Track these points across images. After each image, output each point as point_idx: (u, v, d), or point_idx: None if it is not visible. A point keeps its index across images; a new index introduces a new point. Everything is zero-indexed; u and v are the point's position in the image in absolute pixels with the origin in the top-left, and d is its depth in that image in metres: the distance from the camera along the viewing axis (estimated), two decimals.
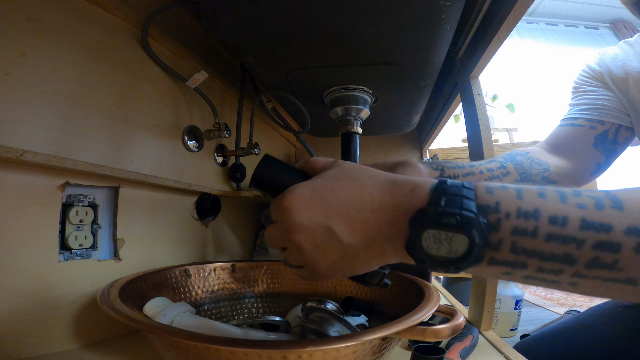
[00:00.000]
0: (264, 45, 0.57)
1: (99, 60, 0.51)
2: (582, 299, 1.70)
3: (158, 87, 0.63)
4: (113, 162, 0.53)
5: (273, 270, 0.63)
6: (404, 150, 1.39)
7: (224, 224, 0.85)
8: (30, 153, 0.38)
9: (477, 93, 0.66)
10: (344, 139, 0.71)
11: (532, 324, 1.25)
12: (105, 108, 0.52)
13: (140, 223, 0.58)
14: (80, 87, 0.48)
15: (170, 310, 0.40)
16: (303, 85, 0.71)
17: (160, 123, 0.63)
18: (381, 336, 0.29)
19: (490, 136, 0.64)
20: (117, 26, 0.55)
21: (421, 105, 0.84)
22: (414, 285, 0.48)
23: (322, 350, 0.27)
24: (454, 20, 0.49)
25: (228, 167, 0.85)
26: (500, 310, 0.96)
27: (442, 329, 0.31)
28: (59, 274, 0.45)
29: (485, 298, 0.61)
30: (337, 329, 0.42)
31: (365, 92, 0.70)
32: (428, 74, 0.65)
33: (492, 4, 0.54)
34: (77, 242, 0.47)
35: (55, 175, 0.44)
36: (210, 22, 0.52)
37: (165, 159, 0.64)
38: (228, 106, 0.85)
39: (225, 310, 0.57)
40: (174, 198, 0.66)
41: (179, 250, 0.68)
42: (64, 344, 0.45)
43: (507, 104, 2.58)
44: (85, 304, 0.47)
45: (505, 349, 0.53)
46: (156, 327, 0.31)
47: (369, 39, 0.53)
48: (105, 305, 0.34)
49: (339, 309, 0.49)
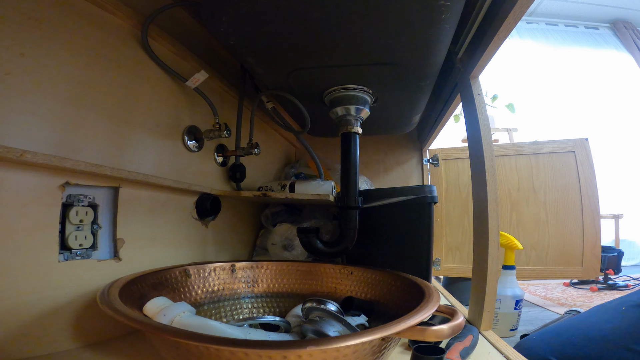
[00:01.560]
0: (264, 45, 0.57)
1: (99, 60, 0.51)
2: (582, 299, 1.70)
3: (158, 87, 0.63)
4: (113, 162, 0.53)
5: (273, 270, 0.63)
6: (404, 150, 1.39)
7: (224, 224, 0.85)
8: (30, 153, 0.38)
9: (477, 93, 0.66)
10: (344, 139, 0.71)
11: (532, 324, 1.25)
12: (105, 108, 0.52)
13: (140, 223, 0.58)
14: (80, 87, 0.48)
15: (170, 310, 0.40)
16: (303, 85, 0.71)
17: (160, 123, 0.63)
18: (381, 336, 0.29)
19: (490, 136, 0.64)
20: (117, 26, 0.55)
21: (421, 105, 0.84)
22: (414, 285, 0.48)
23: (322, 350, 0.27)
24: (454, 20, 0.49)
25: (228, 167, 0.85)
26: (500, 310, 0.96)
27: (442, 329, 0.31)
28: (59, 274, 0.45)
29: (485, 298, 0.61)
30: (337, 329, 0.43)
31: (365, 92, 0.70)
32: (428, 74, 0.65)
33: (492, 4, 0.54)
34: (77, 242, 0.47)
35: (55, 175, 0.44)
36: (210, 22, 0.52)
37: (165, 159, 0.64)
38: (228, 106, 0.85)
39: (225, 310, 0.57)
40: (174, 198, 0.66)
41: (179, 250, 0.68)
42: (64, 344, 0.45)
43: (507, 104, 2.58)
44: (85, 304, 0.47)
45: (505, 349, 0.53)
46: (156, 327, 0.31)
47: (369, 39, 0.53)
48: (105, 305, 0.34)
49: (339, 309, 0.49)
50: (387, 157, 1.38)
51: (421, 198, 0.73)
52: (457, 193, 1.46)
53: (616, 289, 1.92)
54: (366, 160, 1.36)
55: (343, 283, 0.60)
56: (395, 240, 0.75)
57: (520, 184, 1.41)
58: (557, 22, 3.81)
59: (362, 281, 0.58)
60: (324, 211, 1.02)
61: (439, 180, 1.47)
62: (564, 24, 3.81)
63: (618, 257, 2.12)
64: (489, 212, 0.60)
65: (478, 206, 0.65)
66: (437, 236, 1.45)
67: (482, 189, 0.62)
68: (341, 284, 0.60)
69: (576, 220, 1.35)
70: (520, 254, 1.36)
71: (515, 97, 2.74)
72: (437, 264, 1.44)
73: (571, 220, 1.35)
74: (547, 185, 1.39)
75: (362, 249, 0.75)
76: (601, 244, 1.33)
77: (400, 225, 0.75)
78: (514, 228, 1.39)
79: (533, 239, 1.37)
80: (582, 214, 1.34)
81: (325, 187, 0.85)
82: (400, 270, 0.56)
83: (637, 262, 3.04)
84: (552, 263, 1.36)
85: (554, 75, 3.45)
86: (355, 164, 0.70)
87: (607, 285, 1.93)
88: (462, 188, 1.45)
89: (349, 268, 0.60)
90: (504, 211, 1.40)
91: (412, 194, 0.73)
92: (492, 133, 2.14)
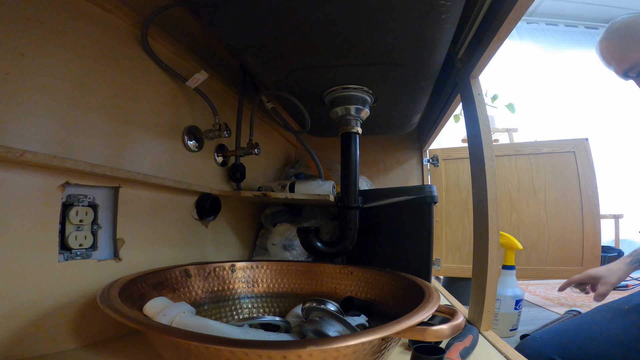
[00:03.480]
0: (264, 45, 0.57)
1: (99, 60, 0.51)
2: (582, 299, 1.70)
3: (158, 87, 0.63)
4: (113, 162, 0.53)
5: (273, 270, 0.63)
6: (404, 150, 1.39)
7: (224, 224, 0.85)
8: (30, 153, 0.38)
9: (477, 93, 0.66)
10: (344, 139, 0.71)
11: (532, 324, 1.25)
12: (105, 108, 0.52)
13: (140, 223, 0.58)
14: (80, 87, 0.48)
15: (170, 310, 0.40)
16: (303, 85, 0.71)
17: (160, 123, 0.63)
18: (381, 336, 0.29)
19: (490, 136, 0.64)
20: (117, 26, 0.55)
21: (421, 105, 0.84)
22: (414, 285, 0.48)
23: (322, 350, 0.27)
24: (454, 20, 0.49)
25: (228, 167, 0.85)
26: (500, 310, 0.96)
27: (442, 329, 0.31)
28: (59, 274, 0.45)
29: (485, 298, 0.61)
30: (337, 329, 0.42)
31: (365, 92, 0.70)
32: (428, 74, 0.65)
33: (492, 4, 0.54)
34: (77, 242, 0.47)
35: (55, 175, 0.44)
36: (210, 22, 0.52)
37: (165, 159, 0.64)
38: (228, 106, 0.85)
39: (225, 310, 0.57)
40: (174, 198, 0.66)
41: (179, 250, 0.68)
42: (64, 344, 0.45)
43: (507, 104, 2.58)
44: (85, 304, 0.47)
45: (505, 349, 0.53)
46: (156, 327, 0.31)
47: (369, 39, 0.53)
48: (105, 305, 0.34)
49: (339, 309, 0.49)
50: (387, 157, 1.38)
51: (421, 198, 0.73)
52: (457, 193, 1.46)
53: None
54: (366, 160, 1.36)
55: (343, 283, 0.60)
56: (395, 240, 0.75)
57: (520, 184, 1.41)
58: (557, 22, 3.81)
59: (362, 281, 0.58)
60: (324, 211, 1.02)
61: (439, 180, 1.47)
62: (564, 24, 3.81)
63: (618, 257, 2.11)
64: (489, 212, 0.60)
65: (478, 206, 0.65)
66: (437, 236, 1.45)
67: (482, 189, 0.62)
68: (341, 284, 0.60)
69: (576, 220, 1.35)
70: (520, 254, 1.36)
71: (515, 97, 2.74)
72: (437, 264, 1.44)
73: (571, 220, 1.35)
74: (547, 185, 1.38)
75: (362, 249, 0.75)
76: (601, 244, 1.33)
77: (400, 225, 0.75)
78: (514, 228, 1.39)
79: (533, 239, 1.37)
80: (582, 214, 1.34)
81: (325, 187, 0.85)
82: (400, 270, 0.56)
83: None
84: (552, 263, 1.36)
85: (554, 75, 3.45)
86: (355, 164, 0.70)
87: None
88: (462, 188, 1.45)
89: (349, 268, 0.60)
90: (504, 211, 1.40)
91: (412, 194, 0.73)
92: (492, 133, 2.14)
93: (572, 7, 3.60)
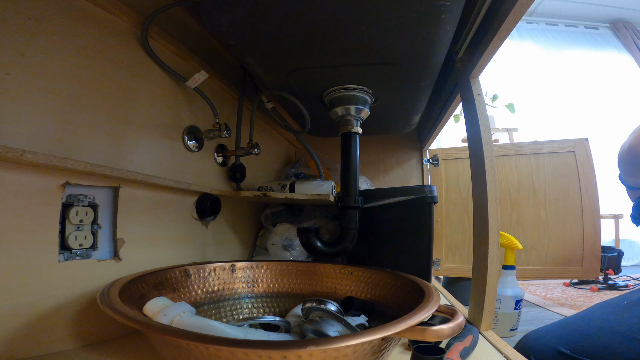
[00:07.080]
0: (264, 45, 0.57)
1: (99, 60, 0.51)
2: (582, 299, 1.70)
3: (158, 87, 0.63)
4: (113, 162, 0.53)
5: (273, 270, 0.63)
6: (404, 150, 1.39)
7: (224, 224, 0.85)
8: (30, 153, 0.38)
9: (477, 93, 0.66)
10: (344, 139, 0.71)
11: (532, 324, 1.25)
12: (105, 108, 0.52)
13: (140, 223, 0.58)
14: (80, 87, 0.48)
15: (170, 310, 0.40)
16: (303, 85, 0.71)
17: (160, 123, 0.63)
18: (381, 336, 0.29)
19: (490, 136, 0.64)
20: (117, 26, 0.55)
21: (421, 105, 0.84)
22: (414, 285, 0.48)
23: (322, 350, 0.27)
24: (454, 20, 0.49)
25: (228, 167, 0.85)
26: (500, 310, 0.96)
27: (442, 329, 0.30)
28: (59, 274, 0.45)
29: (485, 298, 0.61)
30: (337, 329, 0.43)
31: (365, 92, 0.70)
32: (428, 74, 0.65)
33: (492, 4, 0.54)
34: (77, 242, 0.47)
35: (55, 175, 0.44)
36: (210, 22, 0.52)
37: (165, 159, 0.64)
38: (228, 106, 0.85)
39: (225, 310, 0.57)
40: (174, 198, 0.66)
41: (179, 250, 0.68)
42: (64, 343, 0.45)
43: (507, 104, 2.58)
44: (85, 304, 0.47)
45: (505, 349, 0.53)
46: (156, 327, 0.31)
47: (369, 39, 0.53)
48: (105, 305, 0.34)
49: (339, 309, 0.49)
50: (387, 157, 1.38)
51: (421, 198, 0.73)
52: (457, 193, 1.46)
53: (616, 289, 1.91)
54: (366, 160, 1.36)
55: (343, 283, 0.60)
56: (395, 240, 0.75)
57: (520, 184, 1.41)
58: (557, 22, 3.81)
59: (362, 281, 0.58)
60: (324, 211, 1.02)
61: (439, 180, 1.47)
62: (564, 24, 3.81)
63: (618, 257, 2.11)
64: (489, 212, 0.60)
65: (478, 206, 0.65)
66: (437, 236, 1.45)
67: (482, 189, 0.62)
68: (341, 284, 0.60)
69: (576, 220, 1.35)
70: (520, 254, 1.36)
71: (515, 97, 2.74)
72: (437, 264, 1.44)
73: (571, 220, 1.35)
74: (547, 185, 1.38)
75: (362, 248, 0.75)
76: (601, 244, 1.33)
77: (400, 225, 0.75)
78: (514, 228, 1.39)
79: (533, 239, 1.37)
80: (582, 214, 1.34)
81: (325, 187, 0.85)
82: (400, 270, 0.56)
83: (637, 262, 3.03)
84: (552, 263, 1.36)
85: (554, 75, 3.45)
86: (355, 164, 0.70)
87: (607, 285, 1.93)
88: (462, 188, 1.45)
89: (349, 268, 0.60)
90: (504, 211, 1.40)
91: (412, 194, 0.73)
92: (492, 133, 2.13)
93: (572, 7, 3.60)
